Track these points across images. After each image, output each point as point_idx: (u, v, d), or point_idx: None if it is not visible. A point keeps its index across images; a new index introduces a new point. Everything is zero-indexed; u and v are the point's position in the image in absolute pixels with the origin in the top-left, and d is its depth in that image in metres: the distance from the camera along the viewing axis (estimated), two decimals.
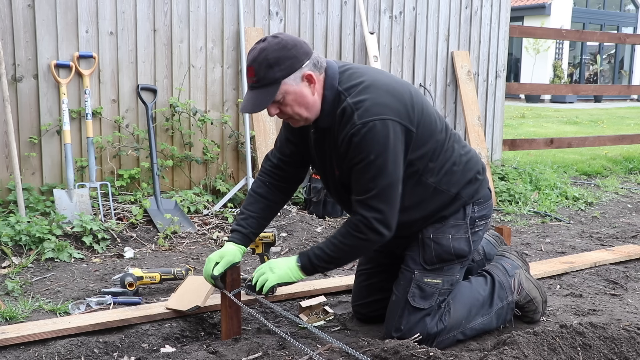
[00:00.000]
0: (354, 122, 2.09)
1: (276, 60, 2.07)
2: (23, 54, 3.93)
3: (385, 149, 2.10)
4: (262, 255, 2.71)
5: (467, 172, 2.35)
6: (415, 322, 2.28)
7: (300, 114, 2.16)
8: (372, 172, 2.11)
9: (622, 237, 4.18)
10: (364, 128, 2.08)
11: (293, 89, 2.12)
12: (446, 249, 2.32)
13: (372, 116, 2.09)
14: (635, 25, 22.13)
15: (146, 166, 4.26)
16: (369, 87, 2.15)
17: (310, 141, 2.34)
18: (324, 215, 4.24)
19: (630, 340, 2.00)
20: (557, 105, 17.32)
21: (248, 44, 4.61)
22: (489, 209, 2.43)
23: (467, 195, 2.34)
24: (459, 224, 2.35)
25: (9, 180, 3.92)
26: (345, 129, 2.12)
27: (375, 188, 2.12)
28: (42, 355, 2.19)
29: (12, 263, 3.18)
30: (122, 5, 4.20)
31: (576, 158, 7.24)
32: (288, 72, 2.09)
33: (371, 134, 2.08)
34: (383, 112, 2.11)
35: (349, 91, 2.16)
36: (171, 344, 2.37)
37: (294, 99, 2.13)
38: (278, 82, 2.09)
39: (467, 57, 5.74)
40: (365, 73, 2.23)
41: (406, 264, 2.37)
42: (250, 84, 2.12)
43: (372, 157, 2.09)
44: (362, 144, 2.09)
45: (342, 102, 2.15)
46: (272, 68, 2.07)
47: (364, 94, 2.13)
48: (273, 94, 2.10)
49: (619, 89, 9.24)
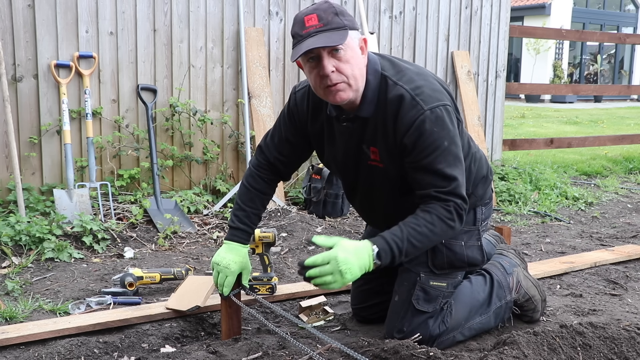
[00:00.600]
0: (421, 108, 1.98)
1: (341, 11, 1.98)
2: (23, 54, 3.93)
3: (454, 134, 2.04)
4: (262, 255, 2.71)
5: (480, 170, 2.33)
6: (418, 324, 2.25)
7: (356, 77, 2.00)
8: (449, 159, 2.01)
9: (622, 237, 4.18)
10: (432, 114, 1.98)
11: (354, 46, 1.98)
12: (459, 257, 2.28)
13: (436, 102, 2.01)
14: (635, 25, 22.14)
15: (146, 166, 4.26)
16: (419, 75, 2.07)
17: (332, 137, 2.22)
18: (324, 215, 4.24)
19: (630, 340, 2.00)
20: (557, 105, 17.32)
21: (248, 44, 4.61)
22: (491, 209, 2.45)
23: (478, 195, 2.33)
24: (470, 230, 2.31)
25: (9, 180, 3.92)
26: (408, 116, 1.99)
27: (458, 176, 2.03)
28: (42, 355, 2.19)
29: (12, 263, 3.18)
30: (122, 5, 4.20)
31: (576, 158, 7.24)
32: (352, 26, 1.98)
33: (440, 120, 2.00)
34: (441, 97, 2.04)
35: (397, 76, 2.05)
36: (171, 344, 2.37)
37: (354, 57, 1.99)
38: (346, 29, 1.95)
39: (467, 57, 5.74)
40: (406, 62, 2.16)
41: (410, 263, 2.29)
42: (314, 30, 1.93)
43: (446, 143, 2.01)
44: (435, 130, 1.98)
45: (391, 87, 2.04)
46: (339, 15, 1.95)
47: (417, 81, 2.04)
48: (344, 36, 1.94)
49: (619, 89, 9.24)
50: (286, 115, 2.32)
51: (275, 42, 4.79)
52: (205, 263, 3.38)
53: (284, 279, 3.13)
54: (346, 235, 3.98)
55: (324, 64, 1.96)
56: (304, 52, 1.93)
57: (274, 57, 4.79)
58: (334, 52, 1.96)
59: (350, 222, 4.27)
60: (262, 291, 2.72)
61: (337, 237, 1.97)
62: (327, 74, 1.97)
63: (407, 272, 2.32)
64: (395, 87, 2.04)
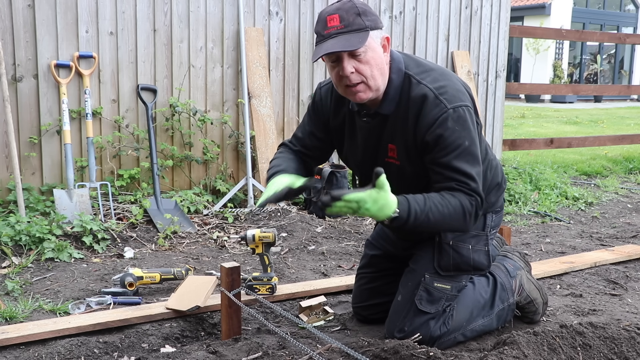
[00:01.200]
0: (443, 107, 2.02)
1: (364, 11, 2.00)
2: (23, 54, 3.93)
3: (474, 135, 2.07)
4: (262, 255, 2.71)
5: (495, 178, 2.36)
6: (420, 324, 2.25)
7: (376, 78, 2.03)
8: (468, 158, 2.04)
9: (622, 237, 4.18)
10: (455, 114, 2.02)
11: (375, 46, 2.01)
12: (465, 260, 2.29)
13: (459, 102, 2.04)
14: (635, 25, 22.14)
15: (146, 166, 4.26)
16: (443, 75, 2.10)
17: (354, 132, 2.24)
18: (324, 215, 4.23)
19: (630, 340, 2.00)
20: (557, 105, 17.33)
21: (248, 44, 4.61)
22: (502, 217, 2.46)
23: (490, 201, 2.34)
24: (479, 235, 2.33)
25: (9, 180, 3.92)
26: (431, 114, 2.02)
27: (476, 175, 2.06)
28: (42, 355, 2.19)
29: (12, 263, 3.18)
30: (122, 5, 4.20)
31: (576, 158, 7.24)
32: (374, 26, 2.00)
33: (462, 120, 2.03)
34: (464, 99, 2.07)
35: (421, 76, 2.08)
36: (171, 344, 2.37)
37: (374, 58, 2.01)
38: (367, 31, 1.98)
39: (467, 57, 5.74)
40: (430, 62, 2.18)
41: (416, 264, 2.32)
42: (335, 31, 1.97)
43: (467, 143, 2.04)
44: (456, 129, 2.01)
45: (416, 86, 2.06)
46: (360, 16, 1.98)
47: (441, 81, 2.07)
48: (364, 39, 1.96)
49: (619, 89, 9.24)
50: (311, 110, 2.37)
51: (275, 42, 4.79)
52: (205, 263, 3.38)
53: (284, 279, 3.13)
54: (346, 235, 3.98)
55: (344, 65, 2.00)
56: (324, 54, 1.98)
57: (274, 57, 4.79)
58: (355, 54, 1.99)
59: (350, 222, 4.27)
60: (262, 291, 2.72)
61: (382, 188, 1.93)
62: (346, 75, 2.01)
63: (411, 273, 2.33)
64: (419, 85, 2.07)
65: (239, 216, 4.22)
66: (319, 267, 3.34)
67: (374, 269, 2.56)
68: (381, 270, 2.54)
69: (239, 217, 4.20)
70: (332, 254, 3.58)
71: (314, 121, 2.35)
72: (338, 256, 3.56)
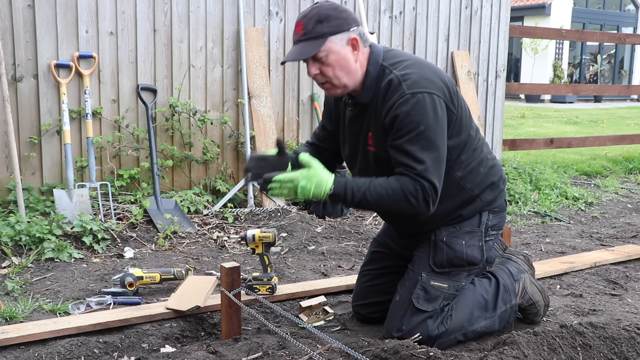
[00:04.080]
0: (402, 92, 2.10)
1: (326, 17, 2.12)
2: (23, 54, 3.93)
3: (434, 122, 2.11)
4: (262, 255, 2.71)
5: (490, 176, 2.37)
6: (417, 323, 2.27)
7: (339, 77, 2.18)
8: (422, 143, 2.09)
9: (622, 237, 4.18)
10: (412, 98, 2.09)
11: (337, 49, 2.14)
12: (459, 255, 2.32)
13: (421, 88, 2.11)
14: (635, 25, 22.13)
15: (146, 166, 4.26)
16: (415, 65, 2.19)
17: (345, 122, 2.35)
18: (324, 215, 4.20)
19: (630, 340, 2.00)
20: (557, 105, 17.32)
21: (248, 44, 4.61)
22: (502, 220, 2.45)
23: (485, 200, 2.35)
24: (473, 231, 2.35)
25: (9, 180, 3.92)
26: (392, 99, 2.12)
27: (428, 160, 2.10)
28: (42, 355, 2.19)
29: (12, 263, 3.18)
30: (122, 5, 4.20)
31: (576, 158, 7.24)
32: (335, 31, 2.13)
33: (420, 105, 2.09)
34: (430, 86, 2.13)
35: (394, 66, 2.19)
36: (171, 344, 2.37)
37: (337, 60, 2.15)
38: (325, 37, 2.12)
39: (467, 57, 5.74)
40: (409, 55, 2.29)
41: (413, 265, 2.36)
42: (297, 38, 2.15)
43: (422, 127, 2.09)
44: (412, 113, 2.08)
45: (387, 75, 2.18)
46: (321, 23, 2.12)
47: (410, 69, 2.16)
48: (318, 46, 2.12)
49: (619, 89, 9.24)
50: (324, 103, 2.52)
51: (275, 42, 4.79)
52: (205, 263, 3.38)
53: (284, 279, 3.13)
54: (346, 235, 3.98)
55: (309, 68, 2.19)
56: (286, 61, 2.21)
57: (274, 57, 4.79)
58: (316, 58, 2.14)
59: (350, 222, 4.27)
60: (262, 291, 2.72)
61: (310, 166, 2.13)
62: (311, 76, 2.20)
63: (410, 273, 2.36)
64: (389, 74, 2.18)
65: (239, 216, 4.22)
66: (319, 267, 3.34)
67: (378, 266, 2.58)
68: (384, 267, 2.56)
69: (239, 217, 4.20)
70: (332, 254, 3.58)
71: (325, 114, 2.51)
72: (338, 256, 3.56)
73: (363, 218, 4.41)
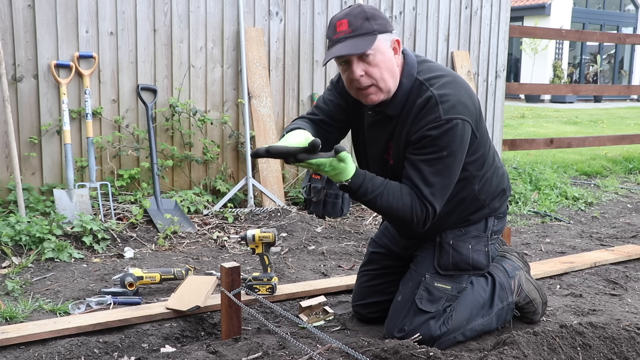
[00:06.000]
0: (438, 115, 2.04)
1: (372, 15, 2.05)
2: (23, 54, 3.93)
3: (458, 150, 2.09)
4: (262, 255, 2.71)
5: (500, 185, 2.39)
6: (420, 324, 2.26)
7: (386, 80, 2.09)
8: (438, 167, 2.07)
9: (622, 237, 4.18)
10: (447, 124, 2.04)
11: (384, 49, 2.06)
12: (465, 259, 2.33)
13: (456, 114, 2.06)
14: (635, 25, 22.14)
15: (146, 166, 4.26)
16: (452, 83, 2.12)
17: (363, 124, 2.30)
18: (324, 215, 4.24)
19: (630, 340, 2.00)
20: (557, 105, 17.33)
21: (248, 44, 4.61)
22: (505, 224, 2.48)
23: (493, 207, 2.38)
24: (479, 236, 2.36)
25: (9, 180, 3.92)
26: (426, 119, 2.06)
27: (437, 185, 2.08)
28: (42, 355, 2.19)
29: (12, 263, 3.18)
30: (122, 5, 4.20)
31: (576, 158, 7.24)
32: (383, 29, 2.05)
33: (452, 132, 2.05)
34: (464, 112, 2.08)
35: (431, 82, 2.11)
36: (171, 344, 2.37)
37: (384, 60, 2.07)
38: (375, 34, 2.03)
39: (467, 57, 5.74)
40: (444, 68, 2.21)
41: (417, 265, 2.36)
42: (343, 35, 2.03)
43: (445, 153, 2.06)
44: (441, 137, 2.04)
45: (424, 91, 2.10)
46: (369, 20, 2.03)
47: (448, 89, 2.09)
48: (371, 42, 2.02)
49: (619, 89, 9.24)
50: (335, 82, 2.36)
51: (275, 42, 4.79)
52: (205, 263, 3.38)
53: (284, 279, 3.13)
54: (346, 235, 3.98)
55: (353, 68, 2.06)
56: (332, 58, 2.03)
57: (274, 57, 4.79)
58: (364, 57, 2.04)
59: (350, 222, 4.27)
60: (262, 291, 2.72)
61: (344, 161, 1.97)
62: (356, 78, 2.07)
63: (412, 273, 2.36)
64: (426, 91, 2.10)
65: (239, 216, 4.22)
66: (319, 267, 3.34)
67: (376, 267, 2.58)
68: (383, 268, 2.56)
69: (239, 217, 4.20)
70: (332, 254, 3.58)
71: (332, 92, 2.36)
72: (338, 256, 3.56)
73: (363, 218, 4.41)
